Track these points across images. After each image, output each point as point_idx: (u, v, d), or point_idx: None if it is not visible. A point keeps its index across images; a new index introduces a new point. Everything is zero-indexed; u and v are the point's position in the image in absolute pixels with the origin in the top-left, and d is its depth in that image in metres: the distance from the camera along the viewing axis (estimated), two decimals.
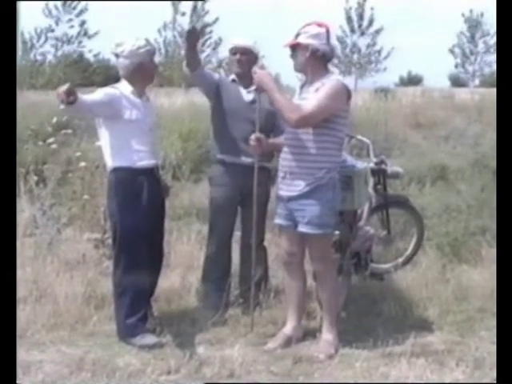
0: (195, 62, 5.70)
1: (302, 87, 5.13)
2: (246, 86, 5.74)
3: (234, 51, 5.76)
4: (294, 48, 5.02)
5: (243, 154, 5.64)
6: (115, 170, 5.15)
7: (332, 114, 4.85)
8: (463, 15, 36.93)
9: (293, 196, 4.96)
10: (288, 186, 4.99)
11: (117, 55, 5.20)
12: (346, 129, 5.06)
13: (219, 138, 5.86)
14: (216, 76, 5.95)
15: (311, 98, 4.83)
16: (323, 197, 4.88)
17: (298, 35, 5.00)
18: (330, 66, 5.12)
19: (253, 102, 5.64)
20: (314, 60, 4.94)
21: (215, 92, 5.81)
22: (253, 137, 5.21)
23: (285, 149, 5.05)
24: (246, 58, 5.70)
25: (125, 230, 5.12)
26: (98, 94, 4.99)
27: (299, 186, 4.91)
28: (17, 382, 3.80)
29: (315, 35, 4.95)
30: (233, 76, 5.86)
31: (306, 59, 4.93)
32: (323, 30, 4.99)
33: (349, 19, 35.44)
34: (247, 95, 5.73)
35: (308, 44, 4.92)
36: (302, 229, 4.97)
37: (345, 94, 4.90)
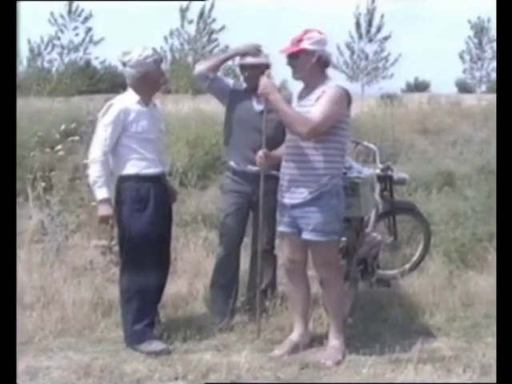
0: (218, 68, 5.82)
1: (300, 94, 5.12)
2: (258, 96, 5.76)
3: (243, 67, 5.80)
4: (295, 55, 4.98)
5: (252, 163, 5.66)
6: (123, 177, 5.18)
7: (335, 120, 4.86)
8: (470, 21, 36.86)
9: (296, 204, 4.96)
10: (291, 194, 4.99)
11: (124, 64, 5.24)
12: (347, 134, 5.06)
13: (229, 145, 5.90)
14: (230, 82, 5.97)
15: (315, 108, 4.82)
16: (327, 203, 4.88)
17: (299, 41, 4.96)
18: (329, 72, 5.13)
19: (263, 112, 5.66)
20: (318, 66, 4.95)
21: (229, 98, 5.85)
22: (260, 153, 5.21)
23: (286, 157, 5.05)
24: (255, 73, 5.70)
25: (132, 237, 5.15)
26: (108, 130, 5.11)
27: (303, 194, 4.91)
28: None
29: (319, 41, 4.96)
30: (245, 85, 5.89)
31: (311, 66, 4.92)
32: (324, 37, 5.01)
33: (357, 25, 35.45)
34: (258, 105, 5.73)
35: (315, 50, 4.92)
36: (306, 236, 4.96)
37: (346, 99, 4.90)
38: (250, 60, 5.72)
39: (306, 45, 4.93)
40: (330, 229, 4.92)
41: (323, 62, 4.98)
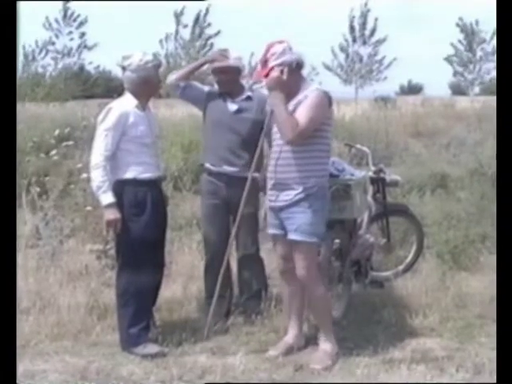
0: (189, 77, 5.86)
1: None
2: (233, 98, 5.83)
3: (214, 72, 5.86)
4: (267, 74, 4.99)
5: (227, 163, 5.73)
6: (119, 181, 5.20)
7: (319, 123, 4.90)
8: (458, 25, 36.95)
9: (283, 206, 4.98)
10: (277, 197, 5.01)
11: (123, 68, 5.27)
12: (330, 136, 5.08)
13: (206, 147, 5.99)
14: (204, 88, 6.02)
15: (299, 113, 4.84)
16: (312, 205, 4.89)
17: (265, 61, 4.99)
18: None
19: (237, 112, 5.75)
20: (291, 74, 4.94)
21: (204, 102, 5.92)
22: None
23: (272, 160, 5.07)
24: (226, 77, 5.79)
25: (130, 241, 5.17)
26: (109, 135, 5.12)
27: (289, 196, 4.93)
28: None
29: (283, 52, 4.96)
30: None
31: (287, 77, 4.90)
32: (286, 45, 5.01)
33: (351, 28, 35.56)
34: (232, 105, 5.80)
35: (281, 62, 4.93)
36: (291, 236, 4.98)
37: (327, 101, 4.93)
38: (218, 64, 5.79)
39: (272, 62, 4.95)
40: (313, 230, 4.92)
41: (296, 67, 4.99)
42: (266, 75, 5.00)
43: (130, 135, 5.16)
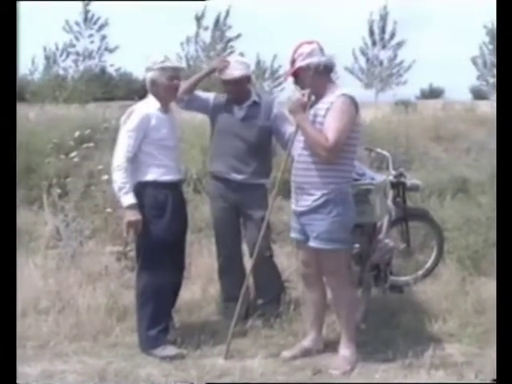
0: (193, 90, 5.88)
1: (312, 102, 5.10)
2: (239, 103, 5.83)
3: (226, 82, 5.85)
4: (296, 74, 5.05)
5: (235, 171, 5.75)
6: (140, 184, 5.22)
7: (348, 131, 4.86)
8: (485, 27, 36.65)
9: (303, 211, 4.99)
10: (298, 201, 5.02)
11: (147, 70, 5.29)
12: (357, 142, 5.04)
13: (214, 154, 5.99)
14: (210, 96, 6.02)
15: (327, 126, 4.81)
16: (332, 211, 4.87)
17: (293, 61, 5.02)
18: (336, 77, 5.15)
19: (244, 118, 5.75)
20: (318, 76, 4.94)
21: (211, 110, 5.94)
22: None
23: (295, 164, 5.06)
24: (238, 87, 5.81)
25: (150, 243, 5.19)
26: (132, 136, 5.15)
27: (308, 201, 4.93)
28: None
29: (310, 53, 4.98)
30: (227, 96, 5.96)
31: (310, 78, 4.92)
32: (315, 46, 5.03)
33: (371, 32, 35.45)
34: (239, 112, 5.81)
35: (308, 63, 4.94)
36: (312, 243, 4.99)
37: (354, 107, 4.88)
38: (228, 76, 5.78)
39: (298, 63, 4.98)
40: (334, 237, 4.91)
41: (323, 70, 4.97)
42: (294, 75, 5.05)
43: (152, 138, 5.18)
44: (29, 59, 34.41)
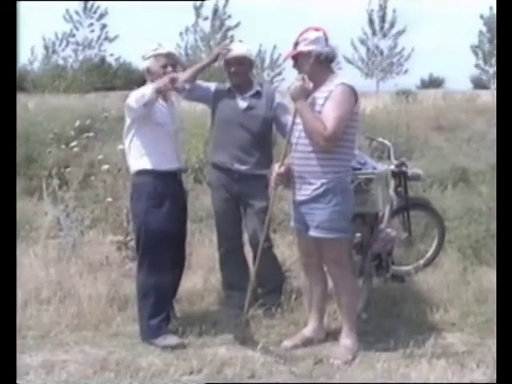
0: (195, 78, 5.83)
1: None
2: (242, 93, 5.80)
3: (229, 63, 5.79)
4: (296, 58, 5.02)
5: (238, 161, 5.73)
6: (140, 172, 5.21)
7: (346, 120, 4.85)
8: (482, 16, 36.59)
9: (303, 200, 4.98)
10: (298, 191, 5.01)
11: (147, 59, 5.27)
12: (355, 131, 5.04)
13: (215, 144, 5.98)
14: (211, 86, 5.99)
15: (325, 113, 4.80)
16: (331, 201, 4.86)
17: (296, 44, 5.00)
18: (338, 68, 5.11)
19: (247, 109, 5.73)
20: (318, 65, 4.91)
21: (213, 99, 5.91)
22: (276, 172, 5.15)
23: (295, 154, 5.04)
24: (242, 68, 5.77)
25: (148, 232, 5.17)
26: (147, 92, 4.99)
27: (307, 191, 4.92)
28: (16, 382, 3.84)
29: (315, 40, 4.95)
30: (229, 84, 5.92)
31: (310, 66, 4.88)
32: (321, 34, 5.00)
33: (370, 21, 35.45)
34: (242, 102, 5.79)
35: (310, 50, 4.91)
36: (312, 233, 4.98)
37: (353, 96, 4.87)
38: (235, 52, 5.74)
39: (301, 47, 4.96)
40: (335, 226, 4.90)
41: (324, 59, 4.94)
42: (294, 58, 5.03)
43: (155, 120, 5.15)
44: (28, 49, 34.42)
